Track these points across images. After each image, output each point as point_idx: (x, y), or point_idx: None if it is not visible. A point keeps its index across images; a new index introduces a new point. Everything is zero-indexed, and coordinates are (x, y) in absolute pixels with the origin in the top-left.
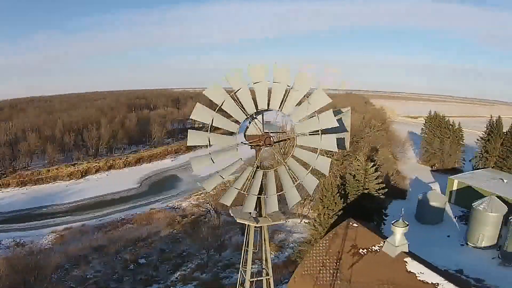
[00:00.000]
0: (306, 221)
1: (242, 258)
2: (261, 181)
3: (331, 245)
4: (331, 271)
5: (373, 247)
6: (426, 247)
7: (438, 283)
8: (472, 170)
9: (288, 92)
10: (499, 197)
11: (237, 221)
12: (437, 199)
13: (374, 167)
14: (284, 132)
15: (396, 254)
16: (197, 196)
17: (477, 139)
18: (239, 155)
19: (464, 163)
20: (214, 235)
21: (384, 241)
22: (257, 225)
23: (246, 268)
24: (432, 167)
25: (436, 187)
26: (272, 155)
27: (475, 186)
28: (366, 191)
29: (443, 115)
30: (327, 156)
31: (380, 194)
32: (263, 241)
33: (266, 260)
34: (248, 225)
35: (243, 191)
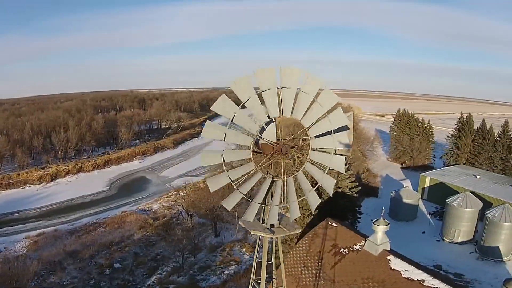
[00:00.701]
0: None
1: (253, 269)
2: (270, 190)
3: (311, 245)
4: (313, 271)
5: (354, 246)
6: (402, 243)
7: (423, 280)
8: (443, 166)
9: (297, 96)
10: (473, 193)
11: (252, 233)
12: (410, 196)
13: (346, 166)
14: (293, 137)
15: (378, 252)
16: (168, 198)
17: (448, 136)
18: (255, 168)
19: (434, 160)
20: (188, 237)
21: (365, 240)
22: (272, 237)
23: (259, 280)
24: (402, 164)
25: (407, 184)
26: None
27: (448, 183)
28: (339, 190)
29: (412, 113)
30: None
31: (353, 192)
32: (274, 252)
33: (279, 271)
34: (261, 236)
35: (251, 198)
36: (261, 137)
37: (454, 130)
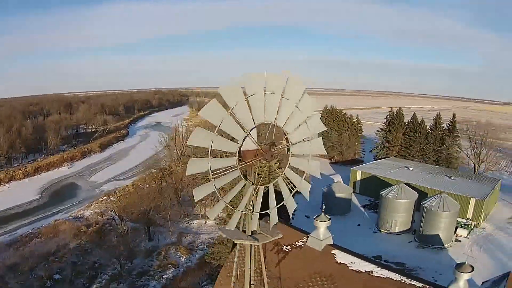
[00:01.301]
0: (211, 221)
1: (234, 276)
2: (250, 197)
3: (252, 244)
4: (258, 270)
5: (296, 243)
6: (339, 237)
7: (371, 271)
8: (373, 160)
9: (280, 101)
10: (407, 184)
11: (235, 242)
12: (342, 190)
13: (277, 164)
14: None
15: (322, 247)
16: (98, 204)
17: (377, 130)
18: (241, 176)
19: (364, 154)
20: (123, 243)
21: (307, 236)
22: (256, 244)
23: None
24: (331, 160)
25: (338, 178)
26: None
27: (380, 175)
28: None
29: (340, 109)
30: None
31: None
32: (261, 260)
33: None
34: (245, 245)
35: (233, 206)
36: (245, 143)
37: (384, 124)
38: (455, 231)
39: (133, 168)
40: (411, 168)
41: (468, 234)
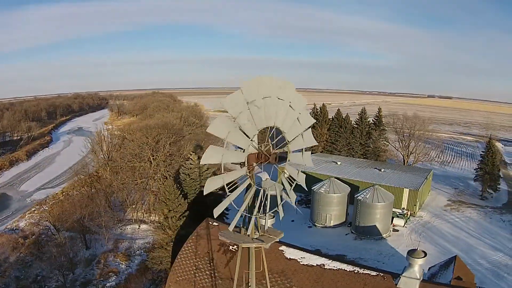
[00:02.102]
0: (144, 226)
1: (235, 281)
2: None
3: (198, 247)
4: (207, 272)
5: None
6: None
7: (323, 264)
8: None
9: (276, 104)
10: (338, 178)
11: (243, 246)
12: (273, 187)
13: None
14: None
15: (269, 244)
16: (31, 214)
17: None
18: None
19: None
20: (62, 253)
21: None
22: (264, 246)
23: None
24: None
25: (265, 176)
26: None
27: (308, 171)
28: (203, 189)
29: None
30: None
31: (217, 190)
32: (264, 261)
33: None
34: (249, 247)
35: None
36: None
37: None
38: (392, 221)
39: (61, 174)
40: (339, 163)
41: (405, 223)
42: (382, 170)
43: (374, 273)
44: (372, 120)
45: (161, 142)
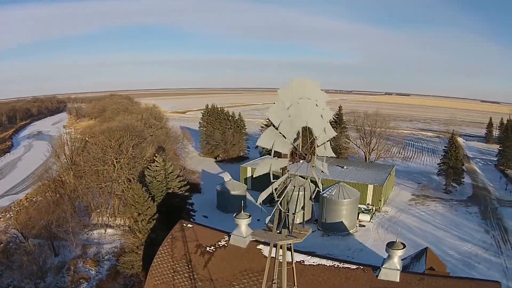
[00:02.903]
0: (111, 230)
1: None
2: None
3: (174, 250)
4: (185, 274)
5: (219, 243)
6: None
7: (302, 260)
8: (259, 156)
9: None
10: (302, 176)
11: (280, 243)
12: (237, 187)
13: (171, 166)
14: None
15: (246, 244)
16: None
17: (262, 127)
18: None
19: (249, 151)
20: (32, 261)
21: (229, 235)
22: (298, 241)
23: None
24: (216, 158)
25: (227, 176)
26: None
27: (271, 170)
28: (170, 191)
29: (222, 107)
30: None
31: (183, 191)
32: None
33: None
34: (282, 245)
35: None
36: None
37: (267, 120)
38: (358, 217)
39: (24, 180)
40: (301, 161)
41: (371, 219)
42: (345, 167)
43: (354, 266)
44: (333, 118)
45: (124, 144)
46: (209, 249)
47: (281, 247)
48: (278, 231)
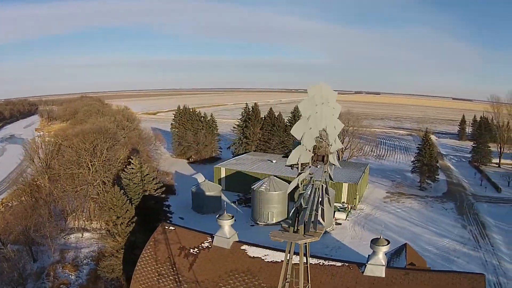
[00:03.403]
0: (87, 234)
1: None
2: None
3: (157, 253)
4: (171, 277)
5: (202, 245)
6: None
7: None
8: (232, 156)
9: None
10: (277, 176)
11: (299, 243)
12: (212, 188)
13: (147, 168)
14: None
15: (230, 245)
16: None
17: (234, 127)
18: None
19: (221, 151)
20: (11, 268)
21: (213, 236)
22: (315, 240)
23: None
24: (188, 159)
25: (200, 177)
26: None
27: (245, 171)
28: (146, 193)
29: (193, 108)
30: None
31: (160, 193)
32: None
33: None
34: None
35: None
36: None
37: (240, 120)
38: (334, 215)
39: None
40: (274, 161)
41: (347, 217)
42: (318, 166)
43: (339, 263)
44: None
45: (98, 147)
46: (193, 251)
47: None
48: (293, 230)
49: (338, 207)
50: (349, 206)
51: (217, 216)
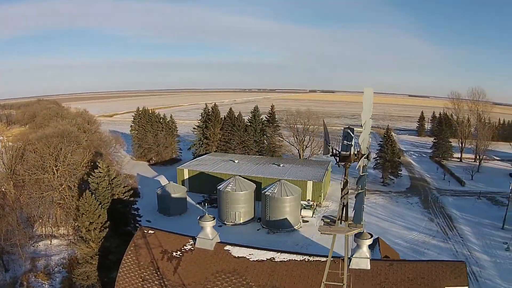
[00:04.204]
0: (56, 240)
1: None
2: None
3: (139, 258)
4: (156, 282)
5: (184, 247)
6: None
7: (273, 257)
8: (193, 157)
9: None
10: (240, 176)
11: (347, 235)
12: (177, 190)
13: (115, 171)
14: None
15: (213, 246)
16: None
17: (194, 128)
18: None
19: (181, 153)
20: None
21: (194, 238)
22: (360, 231)
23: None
24: (149, 162)
25: (163, 179)
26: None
27: (208, 171)
28: (115, 197)
29: (153, 110)
30: None
31: (128, 197)
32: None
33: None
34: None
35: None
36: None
37: (199, 121)
38: (300, 213)
39: None
40: (236, 161)
41: (313, 214)
42: (281, 165)
43: (324, 259)
44: (265, 117)
45: (62, 151)
46: (176, 254)
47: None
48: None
49: (303, 205)
50: (315, 204)
51: (198, 218)
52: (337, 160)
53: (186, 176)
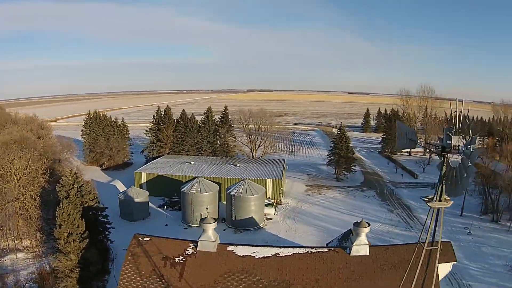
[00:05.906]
0: (21, 254)
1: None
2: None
3: (139, 267)
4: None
5: (186, 251)
6: None
7: (277, 253)
8: (146, 160)
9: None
10: (197, 177)
11: (442, 207)
12: (140, 194)
13: (81, 178)
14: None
15: (216, 248)
16: None
17: (146, 130)
18: None
19: (133, 156)
20: None
21: (195, 242)
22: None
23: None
24: (101, 166)
25: (119, 184)
26: None
27: (166, 174)
28: (85, 205)
29: (104, 113)
30: None
31: (97, 203)
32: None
33: None
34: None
35: None
36: None
37: (152, 123)
38: (264, 211)
39: None
40: (192, 162)
41: (275, 212)
42: (238, 165)
43: (325, 249)
44: (218, 118)
45: (21, 158)
46: (178, 260)
47: None
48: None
49: (265, 203)
50: (275, 201)
51: (199, 221)
52: (438, 152)
53: (144, 180)
